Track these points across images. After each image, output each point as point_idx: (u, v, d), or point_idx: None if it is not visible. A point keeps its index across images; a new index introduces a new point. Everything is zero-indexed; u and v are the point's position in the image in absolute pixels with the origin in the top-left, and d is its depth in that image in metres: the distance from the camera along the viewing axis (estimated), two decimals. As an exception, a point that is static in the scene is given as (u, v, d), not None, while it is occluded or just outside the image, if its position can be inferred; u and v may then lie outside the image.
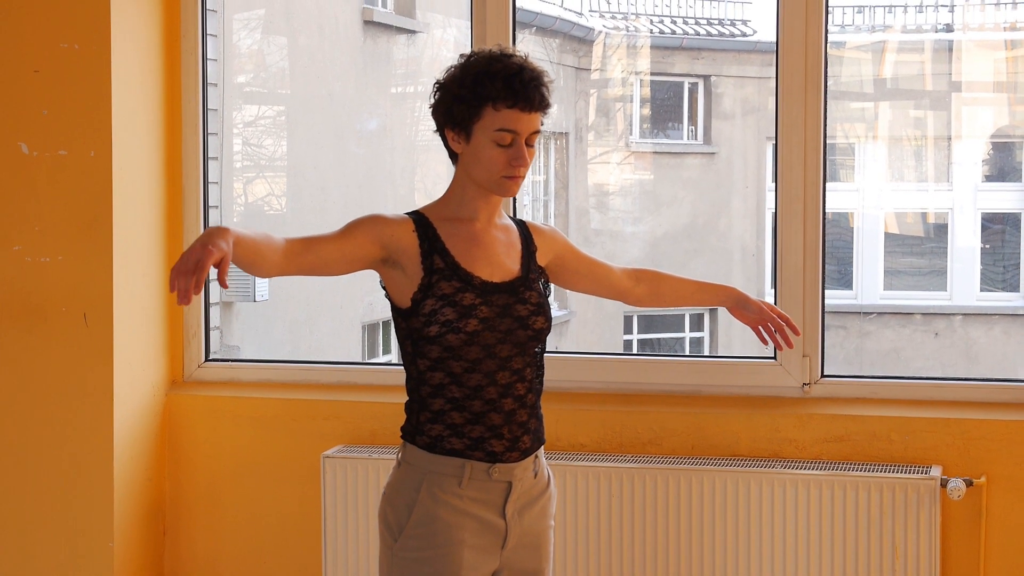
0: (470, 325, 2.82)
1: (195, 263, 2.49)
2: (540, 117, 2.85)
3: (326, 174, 7.78)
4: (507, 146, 2.83)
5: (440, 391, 2.87)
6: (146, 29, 4.28)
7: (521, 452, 2.90)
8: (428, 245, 2.86)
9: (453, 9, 8.56)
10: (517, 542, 2.91)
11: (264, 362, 4.63)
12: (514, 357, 2.88)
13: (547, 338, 2.95)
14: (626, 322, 10.01)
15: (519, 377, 2.89)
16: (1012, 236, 10.25)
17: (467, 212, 2.91)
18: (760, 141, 10.13)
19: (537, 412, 2.95)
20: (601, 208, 10.28)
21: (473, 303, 2.83)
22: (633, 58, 10.41)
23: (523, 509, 2.92)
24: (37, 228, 4.16)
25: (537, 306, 2.91)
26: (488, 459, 2.86)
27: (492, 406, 2.86)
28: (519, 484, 2.90)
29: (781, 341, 3.20)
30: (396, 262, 2.86)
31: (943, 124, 10.18)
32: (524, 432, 2.90)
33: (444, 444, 2.86)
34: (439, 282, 2.84)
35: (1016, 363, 10.00)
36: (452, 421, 2.86)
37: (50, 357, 4.18)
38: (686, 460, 3.95)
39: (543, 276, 3.00)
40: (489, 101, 2.81)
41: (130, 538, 4.26)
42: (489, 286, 2.86)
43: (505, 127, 2.81)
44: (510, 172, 2.84)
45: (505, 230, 2.97)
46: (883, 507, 3.75)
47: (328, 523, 4.08)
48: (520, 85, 2.80)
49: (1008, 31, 9.85)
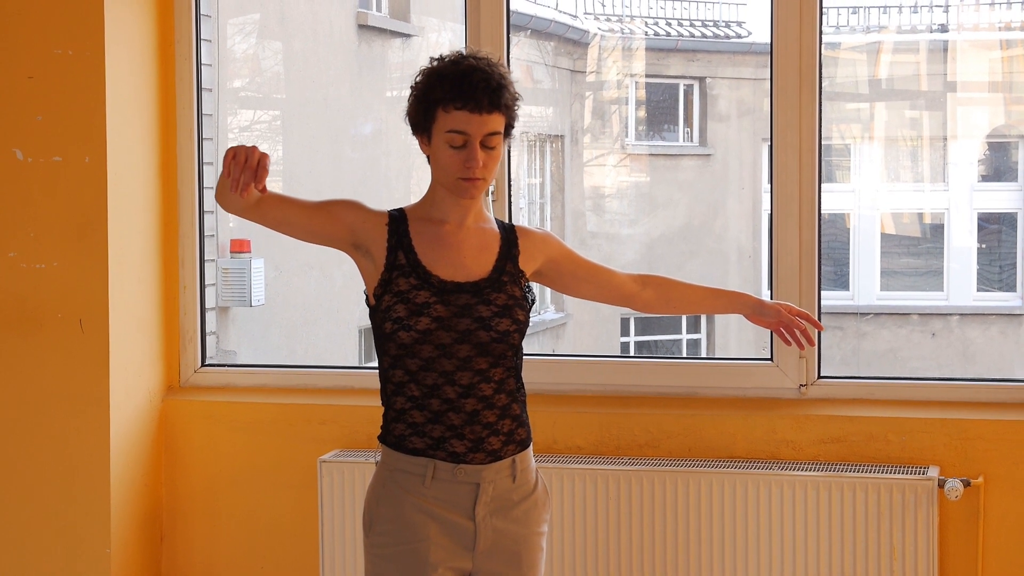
0: (421, 323, 2.83)
1: (255, 160, 2.70)
2: (497, 119, 2.85)
3: (321, 178, 7.77)
4: (460, 148, 2.84)
5: (400, 389, 2.89)
6: (140, 35, 4.28)
7: (488, 454, 2.88)
8: (396, 240, 2.89)
9: (448, 13, 8.57)
10: (491, 546, 2.90)
11: (260, 367, 4.63)
12: (475, 358, 2.87)
13: (520, 341, 2.93)
14: (623, 324, 10.01)
15: (483, 378, 2.88)
16: (1008, 236, 10.26)
17: (438, 213, 2.94)
18: (756, 142, 10.14)
19: (512, 414, 2.93)
20: (597, 210, 10.28)
21: (427, 301, 2.85)
22: (628, 60, 10.41)
23: (497, 513, 2.90)
24: (32, 234, 4.16)
25: (503, 308, 2.89)
26: (451, 459, 2.87)
27: (450, 405, 2.86)
28: (489, 487, 2.88)
29: (803, 340, 3.17)
30: (367, 251, 2.91)
31: (939, 124, 10.19)
32: (491, 434, 2.89)
33: (407, 443, 2.89)
34: (397, 278, 2.87)
35: (1013, 363, 10.00)
36: (413, 420, 2.88)
37: (46, 363, 4.18)
38: (683, 462, 3.95)
39: (525, 279, 2.98)
40: (440, 104, 2.83)
41: (127, 544, 4.25)
42: (449, 285, 2.87)
43: (455, 128, 2.83)
44: (465, 174, 2.85)
45: (481, 232, 2.96)
46: (880, 508, 3.75)
47: (325, 528, 4.08)
48: (469, 87, 2.81)
49: (1003, 31, 9.86)
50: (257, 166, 2.72)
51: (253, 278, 6.77)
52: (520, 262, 2.98)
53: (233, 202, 2.85)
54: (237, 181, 2.71)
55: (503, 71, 2.87)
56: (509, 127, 2.90)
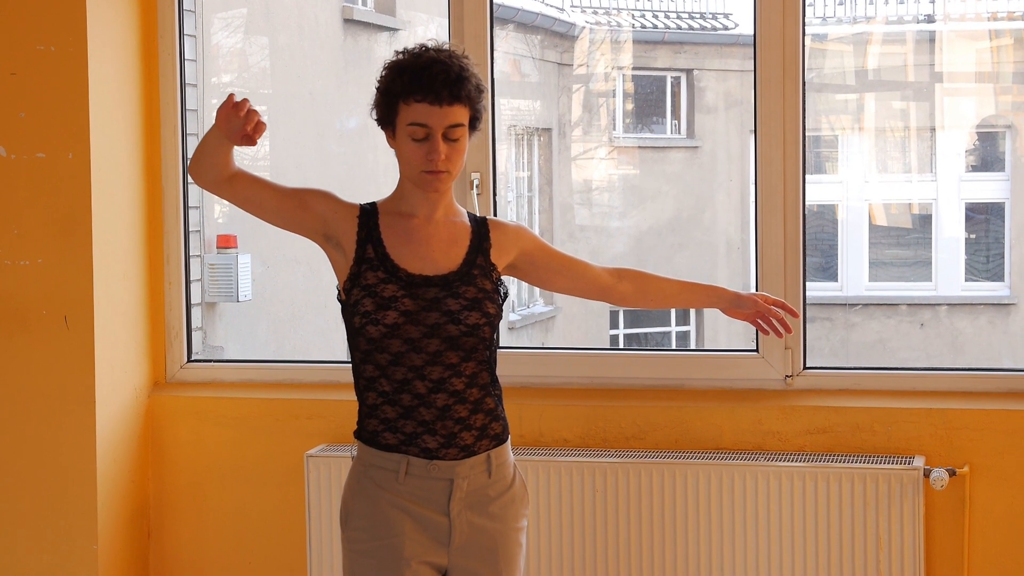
0: (388, 317, 2.83)
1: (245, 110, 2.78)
2: (458, 111, 2.83)
3: (308, 173, 7.76)
4: (422, 140, 2.84)
5: (372, 384, 2.89)
6: (123, 30, 4.27)
7: (461, 449, 2.88)
8: (365, 234, 2.89)
9: (434, 7, 8.56)
10: (467, 542, 2.89)
11: (246, 362, 4.62)
12: (446, 352, 2.86)
13: (492, 334, 2.91)
14: (612, 317, 10.02)
15: (454, 372, 2.87)
16: (996, 226, 10.28)
17: (407, 207, 2.93)
18: (743, 134, 10.14)
19: (485, 408, 2.92)
20: (585, 203, 10.28)
21: (394, 295, 2.84)
22: (615, 53, 10.41)
23: (473, 508, 2.90)
24: (16, 231, 4.15)
25: (472, 301, 2.88)
26: (424, 455, 2.86)
27: (421, 400, 2.86)
28: (464, 483, 2.88)
29: (780, 328, 3.17)
30: (338, 243, 2.91)
31: (926, 115, 10.20)
32: (464, 429, 2.88)
33: (380, 439, 2.89)
34: (366, 271, 2.87)
35: (1001, 352, 10.02)
36: (385, 415, 2.88)
37: (31, 361, 4.17)
38: (670, 454, 3.95)
39: (496, 273, 2.96)
40: (401, 97, 2.83)
41: (114, 540, 4.25)
42: (417, 279, 2.86)
43: (416, 121, 2.83)
44: (427, 166, 2.84)
45: (451, 226, 2.95)
46: (867, 498, 3.76)
47: (312, 522, 4.07)
48: (428, 79, 2.81)
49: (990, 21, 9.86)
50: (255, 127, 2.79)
51: (240, 273, 6.76)
52: (492, 255, 2.96)
53: (207, 175, 2.88)
54: (244, 126, 2.76)
55: (464, 63, 2.86)
56: (475, 119, 2.89)
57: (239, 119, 2.78)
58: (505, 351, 4.16)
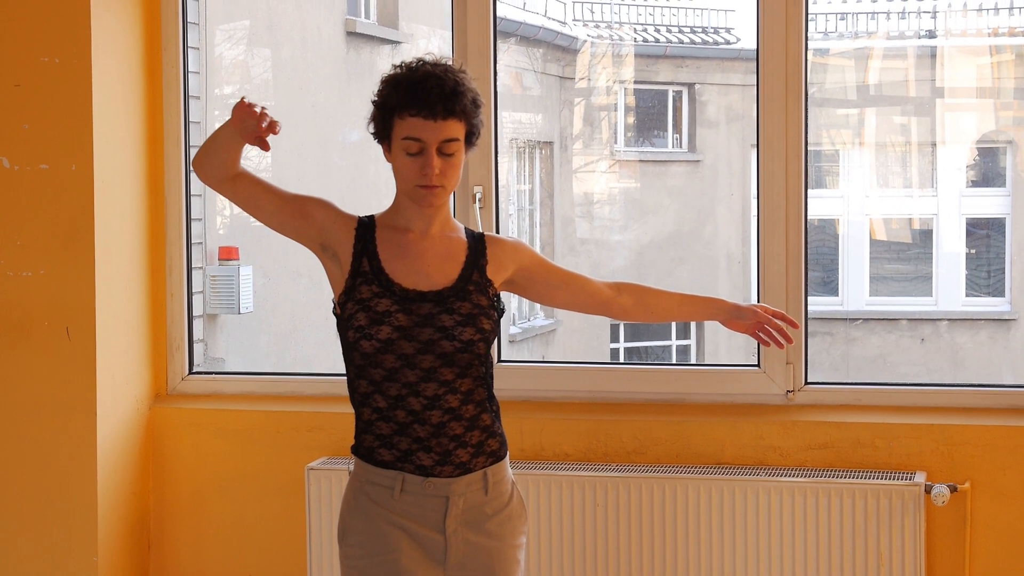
0: (382, 332, 2.81)
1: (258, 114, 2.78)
2: (453, 126, 2.81)
3: (310, 186, 7.73)
4: (416, 155, 2.82)
5: (367, 400, 2.88)
6: (127, 42, 4.27)
7: (456, 467, 2.85)
8: (361, 247, 2.88)
9: (437, 20, 8.57)
10: (463, 560, 2.87)
11: (247, 374, 4.62)
12: (440, 368, 2.84)
13: (487, 350, 2.89)
14: (612, 331, 10.01)
15: (449, 389, 2.84)
16: (997, 241, 10.28)
17: (403, 221, 2.92)
18: (745, 148, 10.15)
19: (481, 425, 2.89)
20: (587, 217, 10.29)
21: (388, 310, 2.82)
22: (617, 67, 10.42)
23: (469, 526, 2.88)
24: (19, 242, 4.16)
25: (467, 317, 2.85)
26: (420, 472, 2.84)
27: (416, 417, 2.84)
28: (460, 500, 2.86)
29: (781, 339, 3.15)
30: (335, 254, 2.90)
31: (927, 130, 10.22)
32: (459, 446, 2.86)
33: (376, 455, 2.87)
34: (360, 285, 2.85)
35: (1002, 368, 10.02)
36: (380, 432, 2.86)
37: (33, 372, 4.17)
38: (671, 468, 3.95)
39: (493, 289, 2.94)
40: (396, 111, 2.82)
41: (115, 552, 4.24)
42: (411, 294, 2.84)
43: (410, 135, 2.81)
44: (422, 181, 2.83)
45: (448, 241, 2.94)
46: (868, 514, 3.75)
47: (313, 535, 4.07)
48: (423, 93, 2.79)
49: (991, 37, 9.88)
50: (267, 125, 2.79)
51: (241, 285, 6.76)
52: (488, 271, 2.94)
53: (213, 171, 2.87)
54: (258, 124, 2.77)
55: (460, 77, 2.83)
56: (471, 134, 2.87)
57: (254, 118, 2.78)
58: (505, 364, 4.16)
